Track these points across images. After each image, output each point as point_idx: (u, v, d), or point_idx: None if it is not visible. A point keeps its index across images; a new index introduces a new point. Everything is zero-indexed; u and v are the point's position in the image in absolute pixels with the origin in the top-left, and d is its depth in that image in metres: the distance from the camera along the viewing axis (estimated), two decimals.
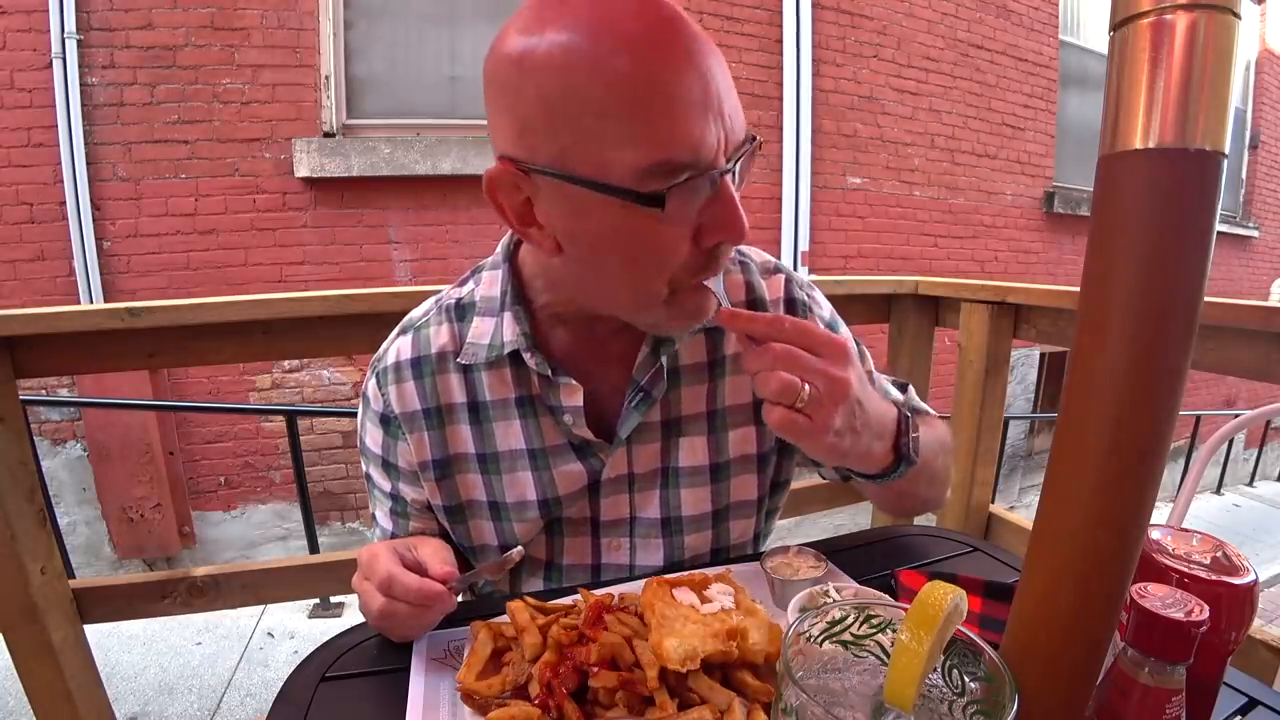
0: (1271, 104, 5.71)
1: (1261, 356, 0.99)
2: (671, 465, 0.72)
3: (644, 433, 0.70)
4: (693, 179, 0.49)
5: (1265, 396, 2.42)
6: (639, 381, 0.67)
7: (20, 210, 2.71)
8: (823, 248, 3.73)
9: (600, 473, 0.70)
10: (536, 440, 0.69)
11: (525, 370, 0.67)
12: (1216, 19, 0.31)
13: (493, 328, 0.66)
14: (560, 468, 0.69)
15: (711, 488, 0.73)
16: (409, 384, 0.68)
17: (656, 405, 0.69)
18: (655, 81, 0.47)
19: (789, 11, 3.42)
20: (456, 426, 0.69)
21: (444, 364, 0.68)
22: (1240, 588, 0.43)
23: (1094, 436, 0.35)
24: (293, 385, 3.04)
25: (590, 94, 0.47)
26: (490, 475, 0.70)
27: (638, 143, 0.48)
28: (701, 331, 0.71)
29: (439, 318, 0.70)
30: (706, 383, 0.72)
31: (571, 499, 0.71)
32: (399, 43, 3.03)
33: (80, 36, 2.62)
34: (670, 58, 0.48)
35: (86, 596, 1.21)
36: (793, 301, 0.74)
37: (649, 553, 0.74)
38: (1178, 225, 0.33)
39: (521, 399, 0.68)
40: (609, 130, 0.48)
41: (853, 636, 0.40)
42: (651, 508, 0.72)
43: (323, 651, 0.61)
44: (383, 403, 0.69)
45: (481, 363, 0.67)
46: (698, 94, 0.48)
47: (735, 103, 0.52)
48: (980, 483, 1.50)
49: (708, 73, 0.49)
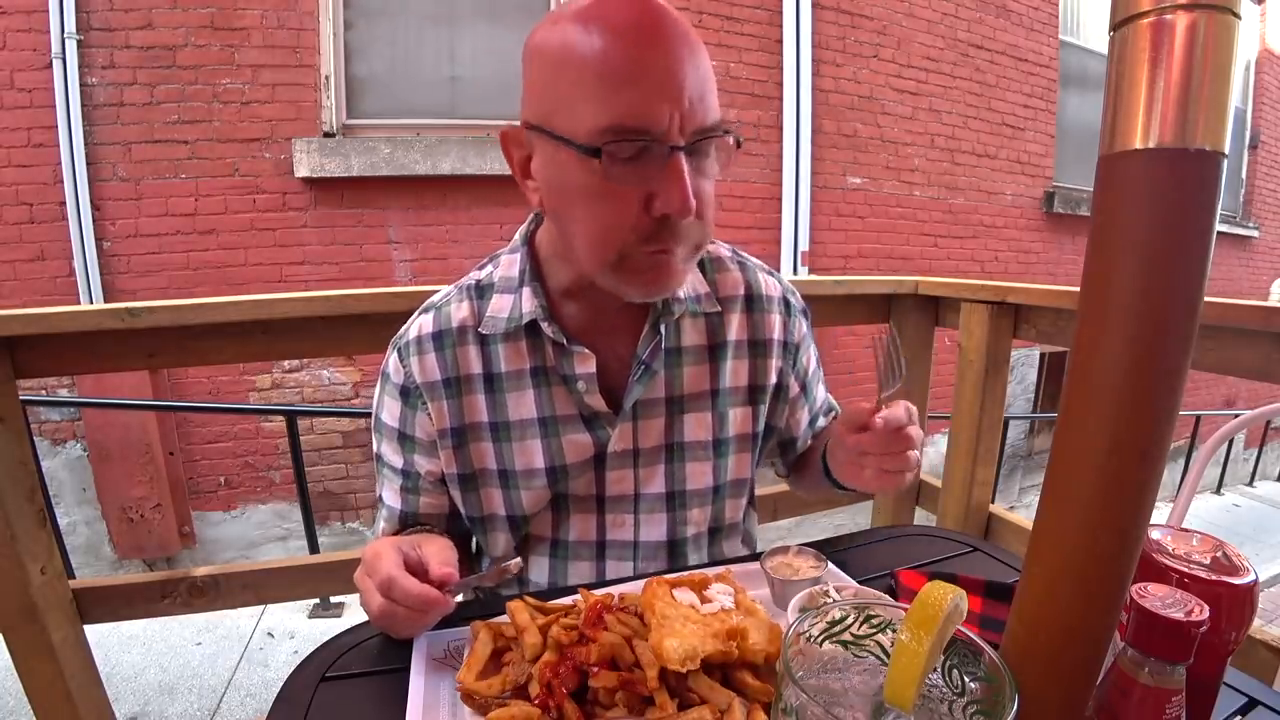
0: (1271, 104, 5.71)
1: (1261, 356, 0.99)
2: (676, 440, 0.77)
3: (649, 408, 0.75)
4: (638, 145, 0.57)
5: (1265, 396, 2.42)
6: (641, 355, 0.73)
7: (20, 210, 2.70)
8: (823, 248, 3.73)
9: (606, 445, 0.74)
10: (548, 409, 0.73)
11: (540, 342, 0.72)
12: (1216, 19, 0.31)
13: (511, 302, 0.72)
14: (569, 436, 0.74)
15: (714, 463, 0.79)
16: (430, 355, 0.73)
17: (661, 381, 0.75)
18: (621, 58, 0.55)
19: (789, 11, 3.42)
20: (473, 396, 0.73)
21: (464, 336, 0.73)
22: (1240, 588, 0.43)
23: (1094, 436, 0.35)
24: (293, 385, 3.04)
25: (570, 64, 0.57)
26: (501, 443, 0.74)
27: (598, 107, 0.56)
28: (703, 316, 0.77)
29: (459, 296, 0.75)
30: (708, 363, 0.78)
31: (578, 469, 0.74)
32: (399, 43, 3.03)
33: (80, 36, 2.61)
34: (639, 41, 0.56)
35: (86, 596, 1.21)
36: (787, 302, 0.83)
37: (652, 527, 0.78)
38: (1178, 225, 0.33)
39: (535, 369, 0.73)
40: (579, 95, 0.57)
41: (853, 636, 0.40)
42: (656, 482, 0.77)
43: (323, 651, 0.61)
44: (404, 375, 0.73)
45: (499, 334, 0.72)
46: (657, 74, 0.56)
47: (703, 92, 0.58)
48: (980, 483, 1.50)
49: (673, 59, 0.56)
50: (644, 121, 0.56)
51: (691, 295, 0.75)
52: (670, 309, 0.73)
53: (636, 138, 0.56)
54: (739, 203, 3.50)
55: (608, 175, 0.58)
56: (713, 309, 0.77)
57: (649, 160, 0.57)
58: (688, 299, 0.75)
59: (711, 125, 0.59)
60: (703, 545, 0.82)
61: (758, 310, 0.81)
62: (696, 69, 0.58)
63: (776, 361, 0.81)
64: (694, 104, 0.57)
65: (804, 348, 0.85)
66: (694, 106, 0.57)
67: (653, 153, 0.57)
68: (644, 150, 0.57)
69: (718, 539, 0.83)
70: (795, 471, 0.93)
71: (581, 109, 0.57)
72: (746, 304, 0.80)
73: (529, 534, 0.78)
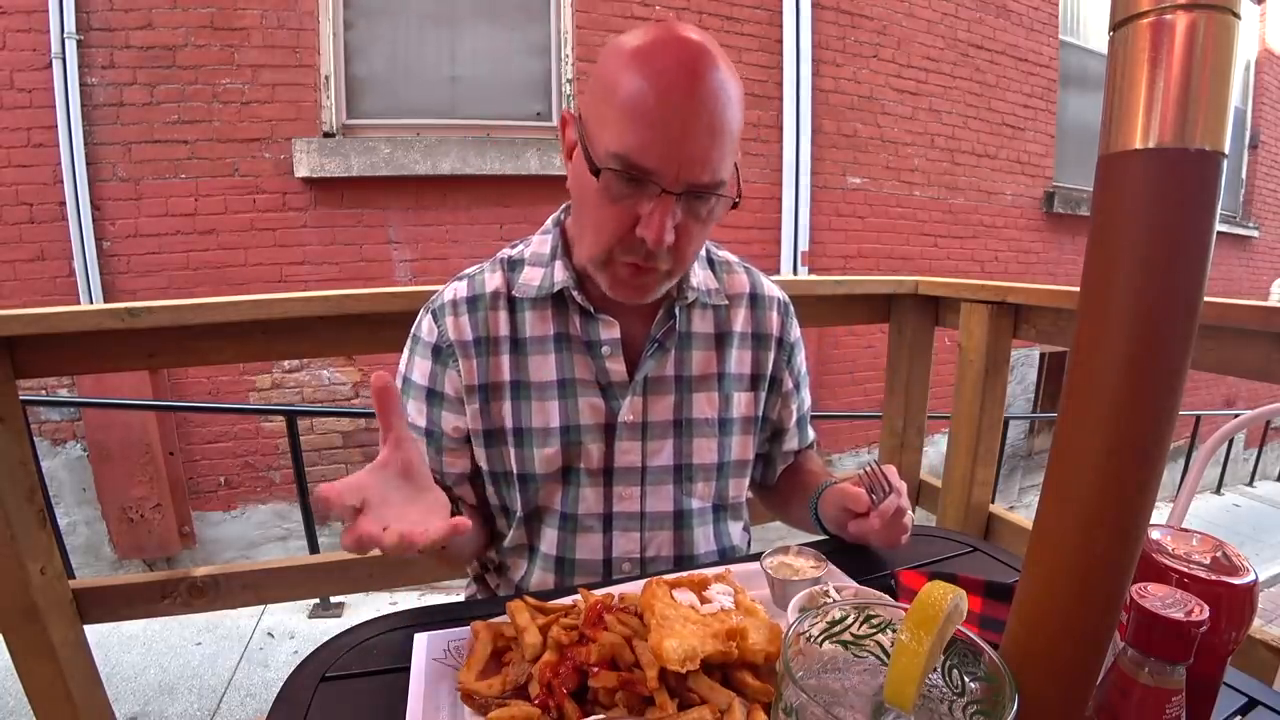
0: (1271, 104, 5.71)
1: (1261, 356, 0.99)
2: (685, 416, 0.83)
3: (660, 385, 0.82)
4: (635, 179, 0.66)
5: (1265, 396, 2.42)
6: (655, 335, 0.81)
7: (20, 210, 2.70)
8: (823, 248, 3.73)
9: (618, 414, 0.80)
10: (568, 372, 0.80)
11: (565, 310, 0.80)
12: (1216, 19, 0.31)
13: (542, 274, 0.80)
14: (584, 399, 0.80)
15: (719, 440, 0.85)
16: (464, 317, 0.80)
17: (671, 360, 0.83)
18: (650, 103, 0.63)
19: (789, 11, 3.42)
20: (499, 357, 0.80)
21: (496, 301, 0.80)
22: (1240, 588, 0.43)
23: (1094, 436, 0.34)
24: (293, 385, 3.04)
25: (615, 88, 0.65)
26: (521, 401, 0.80)
27: (618, 134, 0.65)
28: (711, 308, 0.86)
29: (493, 267, 0.83)
30: (714, 350, 0.85)
31: (590, 435, 0.80)
32: (399, 43, 3.03)
33: (80, 36, 2.61)
34: (669, 93, 0.63)
35: (86, 596, 1.21)
36: (786, 306, 0.92)
37: (659, 499, 0.84)
38: (1178, 225, 0.33)
39: (559, 336, 0.80)
40: (610, 116, 0.66)
41: (853, 636, 0.40)
42: (664, 455, 0.83)
43: (323, 651, 0.61)
44: (437, 334, 0.80)
45: (528, 300, 0.80)
46: (673, 129, 0.63)
47: (709, 154, 0.65)
48: (980, 483, 1.50)
49: (691, 118, 0.63)
50: (647, 162, 0.64)
51: (703, 289, 0.83)
52: (684, 295, 0.81)
53: (637, 173, 0.65)
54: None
55: (606, 191, 0.67)
56: (720, 302, 0.86)
57: (644, 193, 0.66)
58: (699, 290, 0.82)
59: (707, 184, 0.67)
60: (708, 519, 0.87)
61: (760, 308, 0.89)
62: (712, 132, 0.65)
63: (775, 355, 0.90)
64: (695, 163, 0.65)
65: (798, 349, 0.94)
66: (695, 165, 0.65)
67: (648, 189, 0.66)
68: (641, 184, 0.66)
69: (722, 516, 0.89)
70: (771, 493, 1.00)
71: (608, 129, 0.66)
72: (751, 301, 0.89)
73: (539, 506, 0.82)
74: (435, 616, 0.67)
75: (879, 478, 0.75)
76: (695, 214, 0.69)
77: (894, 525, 0.73)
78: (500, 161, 3.00)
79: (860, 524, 0.74)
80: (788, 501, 0.96)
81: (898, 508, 0.72)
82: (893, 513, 0.71)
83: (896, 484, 0.74)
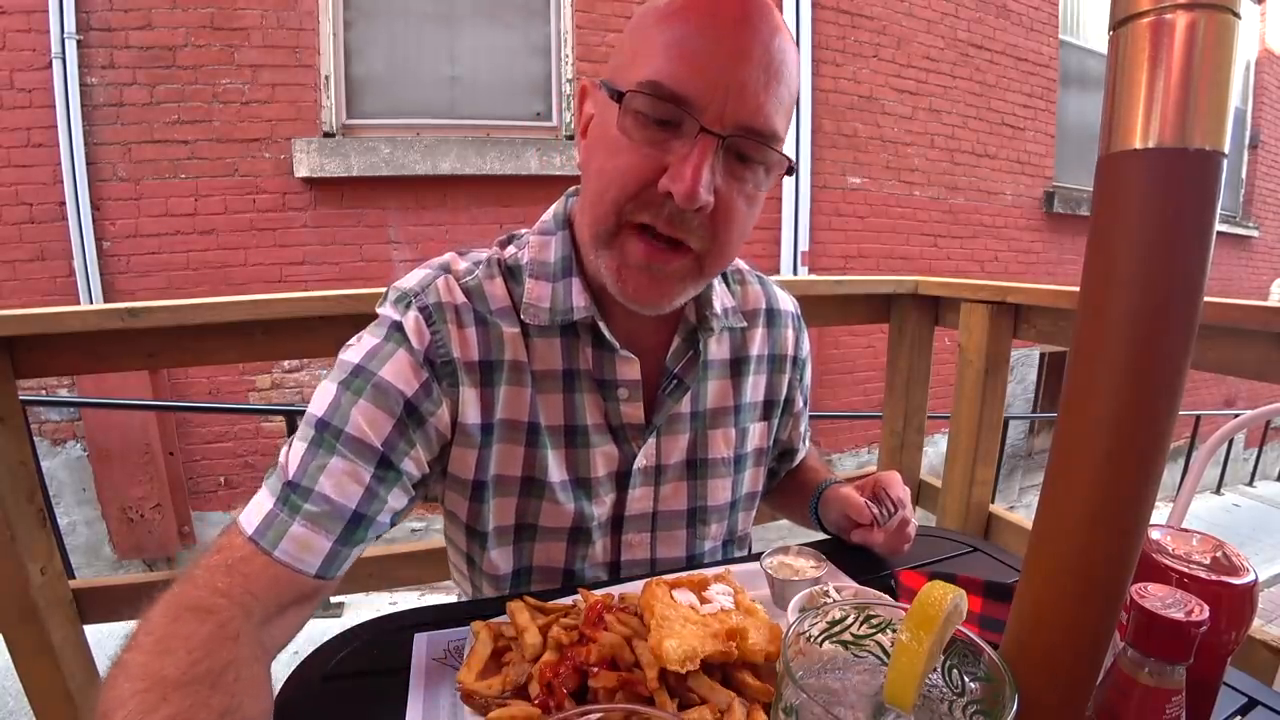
0: (1271, 104, 5.71)
1: (1261, 356, 0.99)
2: (700, 457, 0.74)
3: (675, 424, 0.72)
4: (669, 109, 0.53)
5: (1265, 396, 2.41)
6: (672, 369, 0.70)
7: (20, 210, 2.70)
8: (823, 248, 3.73)
9: (633, 461, 0.70)
10: (579, 417, 0.67)
11: (576, 343, 0.66)
12: (1216, 19, 0.31)
13: (551, 292, 0.64)
14: (597, 449, 0.68)
15: (733, 478, 0.78)
16: (471, 330, 0.62)
17: (687, 396, 0.72)
18: (696, 26, 0.53)
19: (789, 11, 3.42)
20: (512, 389, 0.64)
21: (508, 320, 0.64)
22: (1240, 588, 0.43)
23: (1094, 437, 0.34)
24: (293, 385, 3.04)
25: (649, 23, 0.55)
26: (536, 450, 0.66)
27: (652, 62, 0.53)
28: (726, 330, 0.75)
29: (489, 271, 0.65)
30: (730, 378, 0.76)
31: (603, 485, 0.69)
32: (399, 43, 3.03)
33: (80, 36, 2.61)
34: (717, 23, 0.52)
35: (86, 597, 1.21)
36: (799, 318, 0.85)
37: (671, 545, 0.76)
38: (1177, 225, 0.32)
39: (569, 373, 0.66)
40: (643, 50, 0.55)
41: (853, 636, 0.40)
42: (678, 500, 0.74)
43: (323, 651, 0.61)
44: (430, 342, 0.60)
45: (535, 326, 0.64)
46: (721, 58, 0.52)
47: (765, 94, 0.54)
48: (980, 483, 1.50)
49: (745, 51, 0.53)
50: (686, 89, 0.52)
51: (723, 311, 0.72)
52: (709, 324, 0.69)
53: (672, 103, 0.52)
54: None
55: (625, 133, 0.54)
56: (740, 324, 0.75)
57: (679, 134, 0.53)
58: (721, 315, 0.71)
59: (760, 129, 0.54)
60: (717, 556, 0.82)
61: (777, 325, 0.81)
62: (768, 71, 0.53)
63: (789, 377, 0.82)
64: (748, 98, 0.52)
65: (808, 363, 0.87)
66: (747, 100, 0.52)
67: (684, 127, 0.53)
68: (673, 126, 0.53)
69: (730, 549, 0.84)
70: (770, 493, 0.94)
71: (639, 63, 0.54)
72: (768, 318, 0.80)
73: (533, 565, 0.71)
74: (435, 616, 0.66)
75: (884, 500, 0.74)
76: (739, 177, 0.56)
77: (898, 536, 0.72)
78: (500, 161, 3.00)
79: (864, 534, 0.74)
80: (786, 499, 0.94)
81: (902, 519, 0.71)
82: (897, 525, 0.71)
83: (900, 496, 0.73)
